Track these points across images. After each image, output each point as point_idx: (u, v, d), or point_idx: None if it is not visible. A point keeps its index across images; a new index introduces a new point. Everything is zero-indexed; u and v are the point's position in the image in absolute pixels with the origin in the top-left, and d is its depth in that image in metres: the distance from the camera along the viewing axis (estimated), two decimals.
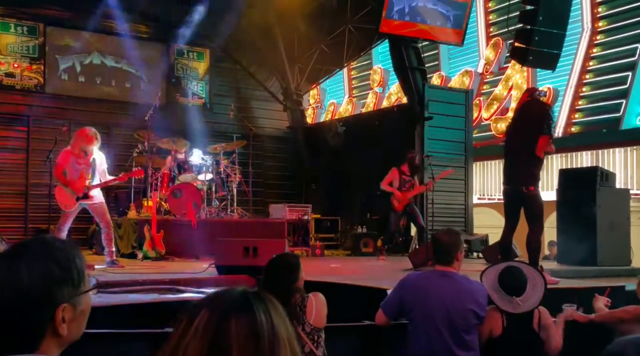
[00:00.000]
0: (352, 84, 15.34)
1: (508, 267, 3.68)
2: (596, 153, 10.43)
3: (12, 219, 10.72)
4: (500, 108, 11.84)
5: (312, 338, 3.13)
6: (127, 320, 3.89)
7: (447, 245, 3.51)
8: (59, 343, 1.24)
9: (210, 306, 1.02)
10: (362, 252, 9.66)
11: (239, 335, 0.98)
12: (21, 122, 11.04)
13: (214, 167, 9.27)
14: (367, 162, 10.78)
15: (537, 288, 3.52)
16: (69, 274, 1.24)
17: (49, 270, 1.21)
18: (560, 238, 7.52)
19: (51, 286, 1.21)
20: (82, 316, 1.28)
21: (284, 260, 3.32)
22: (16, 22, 11.17)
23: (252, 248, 5.71)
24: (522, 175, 5.52)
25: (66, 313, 1.22)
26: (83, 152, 6.63)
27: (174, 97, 12.59)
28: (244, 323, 0.99)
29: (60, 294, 1.22)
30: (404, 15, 9.95)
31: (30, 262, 1.21)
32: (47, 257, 1.23)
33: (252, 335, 0.99)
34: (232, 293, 1.05)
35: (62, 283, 1.23)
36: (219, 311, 1.00)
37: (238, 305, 1.02)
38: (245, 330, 0.99)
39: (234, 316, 1.00)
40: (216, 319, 0.99)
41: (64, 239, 1.44)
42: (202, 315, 1.01)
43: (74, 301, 1.24)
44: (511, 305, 3.48)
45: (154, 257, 7.68)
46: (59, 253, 1.25)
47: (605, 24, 10.75)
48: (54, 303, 1.21)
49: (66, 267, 1.24)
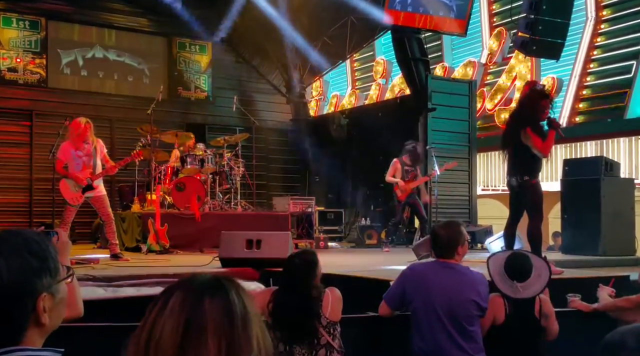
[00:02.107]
0: (355, 75, 15.30)
1: (516, 253, 3.75)
2: (601, 143, 10.39)
3: (17, 214, 10.76)
4: (504, 99, 11.79)
5: (328, 330, 3.25)
6: (132, 314, 3.90)
7: (446, 239, 3.50)
8: (41, 333, 1.27)
9: (184, 288, 1.06)
10: (366, 244, 9.66)
11: (214, 313, 1.02)
12: (24, 116, 11.06)
13: (217, 160, 9.28)
14: (371, 153, 10.77)
15: (541, 278, 3.55)
16: (46, 264, 1.27)
17: (26, 261, 1.24)
18: (564, 228, 7.51)
19: (30, 277, 1.23)
20: (61, 304, 1.31)
21: (303, 258, 3.38)
22: (18, 16, 11.16)
23: (256, 241, 5.71)
24: (516, 165, 5.60)
25: (46, 302, 1.25)
26: (83, 143, 6.62)
27: (177, 91, 12.58)
28: (218, 302, 1.04)
29: (39, 284, 1.24)
30: (406, 6, 9.90)
31: (8, 256, 1.23)
32: (23, 249, 1.25)
33: (226, 313, 1.03)
34: (204, 277, 1.10)
35: (41, 273, 1.25)
36: (194, 292, 1.05)
37: (212, 286, 1.07)
38: (219, 308, 1.03)
39: (208, 295, 1.04)
40: (191, 299, 1.04)
41: (35, 231, 1.47)
42: (176, 295, 1.05)
43: (52, 290, 1.27)
44: (512, 290, 3.51)
45: (158, 251, 7.70)
46: (34, 245, 1.27)
47: (609, 13, 10.68)
48: (34, 293, 1.23)
49: (42, 257, 1.27)
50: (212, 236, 7.12)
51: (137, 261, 6.75)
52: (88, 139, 6.63)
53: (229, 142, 9.78)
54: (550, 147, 5.53)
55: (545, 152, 5.49)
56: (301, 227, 9.48)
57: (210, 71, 12.97)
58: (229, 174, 9.41)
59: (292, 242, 6.23)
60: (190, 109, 12.64)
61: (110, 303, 4.13)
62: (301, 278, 3.29)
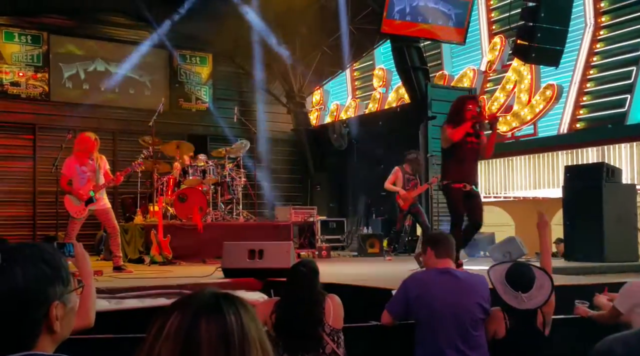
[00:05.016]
0: (355, 84, 15.34)
1: (517, 264, 3.69)
2: (602, 149, 10.38)
3: (20, 226, 10.79)
4: (504, 106, 11.81)
5: (332, 338, 3.26)
6: (136, 325, 3.91)
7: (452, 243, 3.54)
8: (53, 340, 1.30)
9: (181, 309, 1.05)
10: (369, 253, 9.65)
11: (210, 337, 1.01)
12: (27, 130, 11.12)
13: (219, 171, 9.30)
14: (372, 162, 10.78)
15: (544, 289, 3.50)
16: (59, 273, 1.31)
17: (41, 270, 1.28)
18: (567, 235, 7.50)
19: (44, 285, 1.27)
20: (71, 313, 1.34)
21: (308, 266, 3.40)
22: (20, 31, 11.25)
23: (258, 251, 5.72)
24: (441, 169, 6.01)
25: (59, 310, 1.29)
26: (88, 158, 6.65)
27: (178, 102, 12.64)
28: (213, 326, 1.02)
29: (52, 293, 1.28)
30: (405, 15, 9.96)
31: (24, 264, 1.27)
32: (39, 258, 1.29)
33: (222, 337, 1.02)
34: (202, 295, 1.08)
35: (54, 281, 1.29)
36: (190, 314, 1.04)
37: (208, 306, 1.05)
38: (215, 332, 1.02)
39: (204, 318, 1.03)
40: (187, 322, 1.03)
41: (47, 242, 1.54)
42: (173, 318, 1.04)
43: (64, 299, 1.31)
44: (516, 300, 3.45)
45: (161, 262, 7.71)
46: (48, 255, 1.31)
47: (608, 19, 10.71)
48: (48, 301, 1.27)
49: (56, 267, 1.31)
50: (215, 246, 7.12)
51: (141, 272, 6.76)
52: (93, 155, 6.66)
53: (230, 152, 9.81)
54: (458, 133, 5.56)
55: (453, 137, 5.57)
56: (303, 236, 9.48)
57: (210, 82, 13.03)
58: (231, 185, 9.43)
59: (294, 251, 6.24)
60: (192, 120, 12.70)
61: (114, 315, 4.14)
62: (307, 286, 3.31)
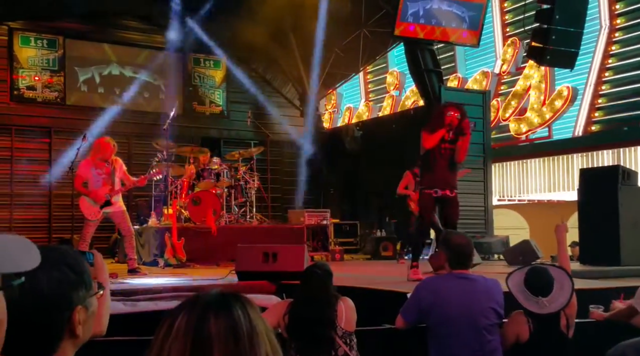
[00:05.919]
0: (369, 87, 15.34)
1: (534, 268, 3.63)
2: (617, 151, 10.27)
3: (36, 229, 10.90)
4: (519, 109, 11.74)
5: (345, 341, 3.25)
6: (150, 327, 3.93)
7: (466, 248, 3.50)
8: (74, 344, 1.30)
9: (189, 308, 1.07)
10: (382, 256, 9.63)
11: (219, 332, 1.03)
12: (43, 133, 11.24)
13: (233, 174, 9.34)
14: (385, 165, 10.75)
15: (565, 290, 3.45)
16: (82, 277, 1.32)
17: (64, 274, 1.28)
18: (582, 238, 7.42)
19: (68, 289, 1.28)
20: (92, 317, 1.35)
21: (322, 269, 3.42)
22: (36, 35, 11.38)
23: (272, 254, 5.72)
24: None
25: (81, 315, 1.29)
26: (104, 162, 6.72)
27: (192, 106, 12.71)
28: (222, 320, 1.04)
29: (76, 297, 1.29)
30: (418, 18, 9.93)
31: (48, 269, 1.26)
32: (62, 263, 1.30)
33: (231, 331, 1.03)
34: (210, 294, 1.10)
35: (77, 286, 1.30)
36: (198, 312, 1.05)
37: (216, 304, 1.07)
38: (224, 327, 1.03)
39: (213, 315, 1.04)
40: (195, 319, 1.04)
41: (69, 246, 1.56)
42: (182, 316, 1.06)
43: (86, 303, 1.31)
44: (537, 306, 3.39)
45: (176, 264, 7.76)
46: (71, 259, 1.32)
47: (624, 21, 10.61)
48: (71, 305, 1.28)
49: (79, 271, 1.31)
50: (228, 249, 7.14)
51: (155, 275, 6.80)
52: (111, 160, 6.74)
53: (244, 155, 9.85)
54: (432, 140, 5.67)
55: (425, 144, 5.71)
56: (316, 239, 9.48)
57: (224, 86, 13.09)
58: (244, 188, 9.47)
59: (308, 254, 6.24)
60: (206, 124, 12.76)
61: (128, 318, 4.17)
62: (321, 289, 3.31)
